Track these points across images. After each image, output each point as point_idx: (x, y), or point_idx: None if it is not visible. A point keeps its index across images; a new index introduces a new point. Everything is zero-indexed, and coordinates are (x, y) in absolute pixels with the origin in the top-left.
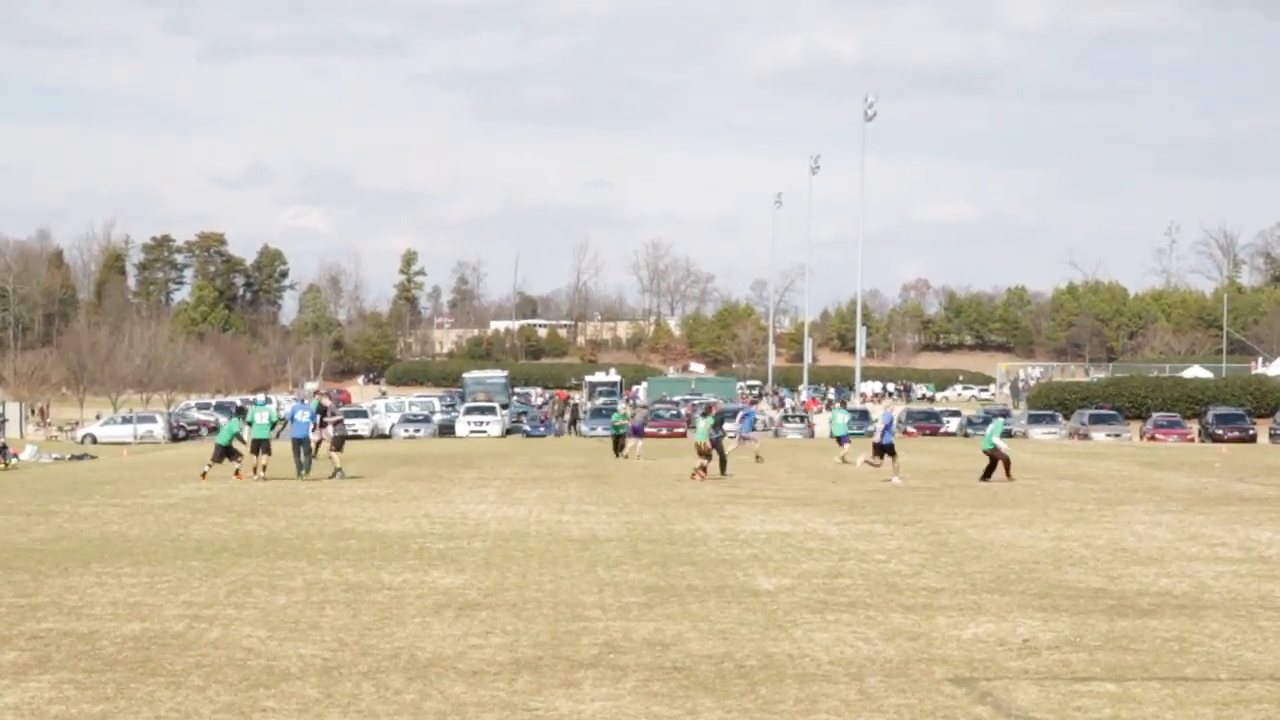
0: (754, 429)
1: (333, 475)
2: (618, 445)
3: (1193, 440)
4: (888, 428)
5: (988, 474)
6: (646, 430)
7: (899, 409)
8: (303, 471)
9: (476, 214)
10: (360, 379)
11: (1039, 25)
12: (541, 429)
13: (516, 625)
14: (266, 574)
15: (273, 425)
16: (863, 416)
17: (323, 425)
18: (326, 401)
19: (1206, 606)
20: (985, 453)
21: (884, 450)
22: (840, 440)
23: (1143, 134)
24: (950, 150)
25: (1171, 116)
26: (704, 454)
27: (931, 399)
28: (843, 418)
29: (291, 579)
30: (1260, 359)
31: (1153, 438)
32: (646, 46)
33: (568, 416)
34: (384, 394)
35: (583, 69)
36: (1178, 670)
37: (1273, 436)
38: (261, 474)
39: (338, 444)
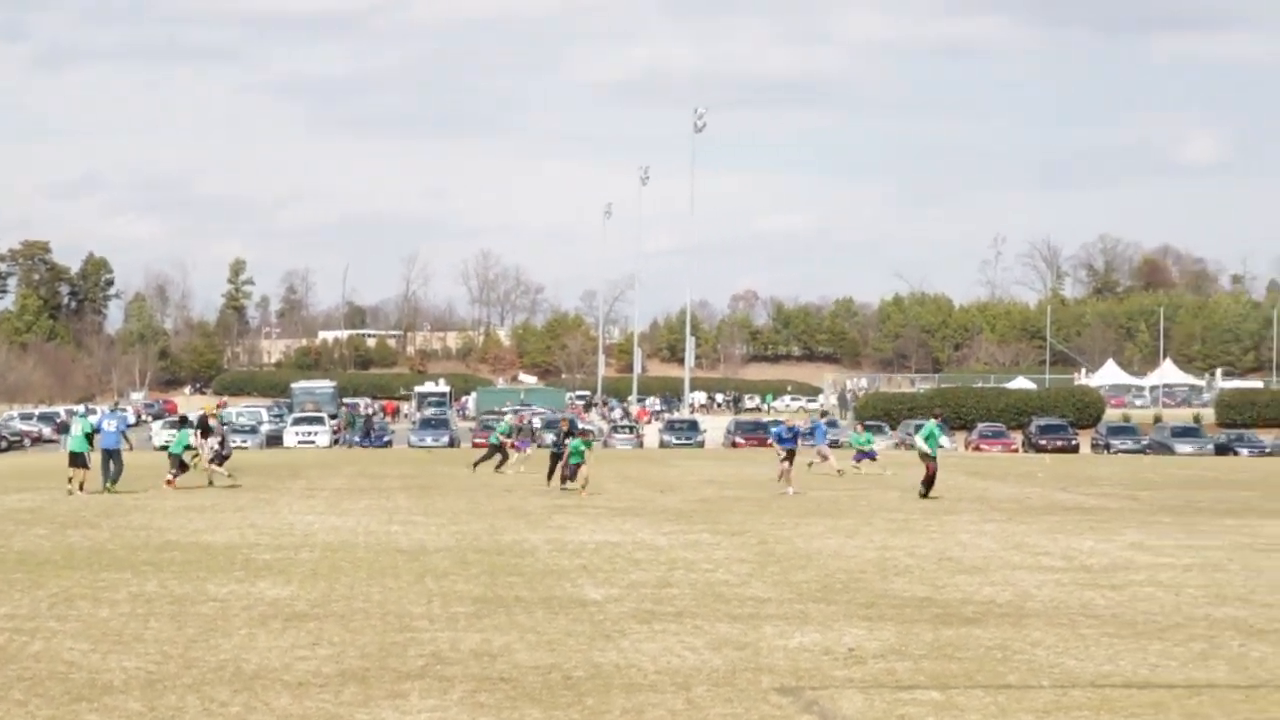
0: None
1: (210, 483)
2: (490, 455)
3: (1017, 450)
4: (812, 433)
5: (928, 486)
6: (477, 441)
7: (824, 420)
8: (109, 483)
9: (309, 223)
10: (187, 389)
11: (874, 39)
12: (369, 440)
13: (343, 636)
14: (90, 586)
15: (89, 436)
16: (691, 427)
17: (204, 438)
18: (213, 420)
19: (1029, 615)
20: (922, 455)
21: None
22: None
23: (971, 147)
24: (784, 162)
25: (999, 130)
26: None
27: (769, 409)
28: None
29: (115, 591)
30: (1083, 370)
31: (977, 448)
32: (485, 57)
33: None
34: (224, 404)
35: (421, 79)
36: (1000, 678)
37: (1095, 447)
38: (79, 487)
39: (220, 459)
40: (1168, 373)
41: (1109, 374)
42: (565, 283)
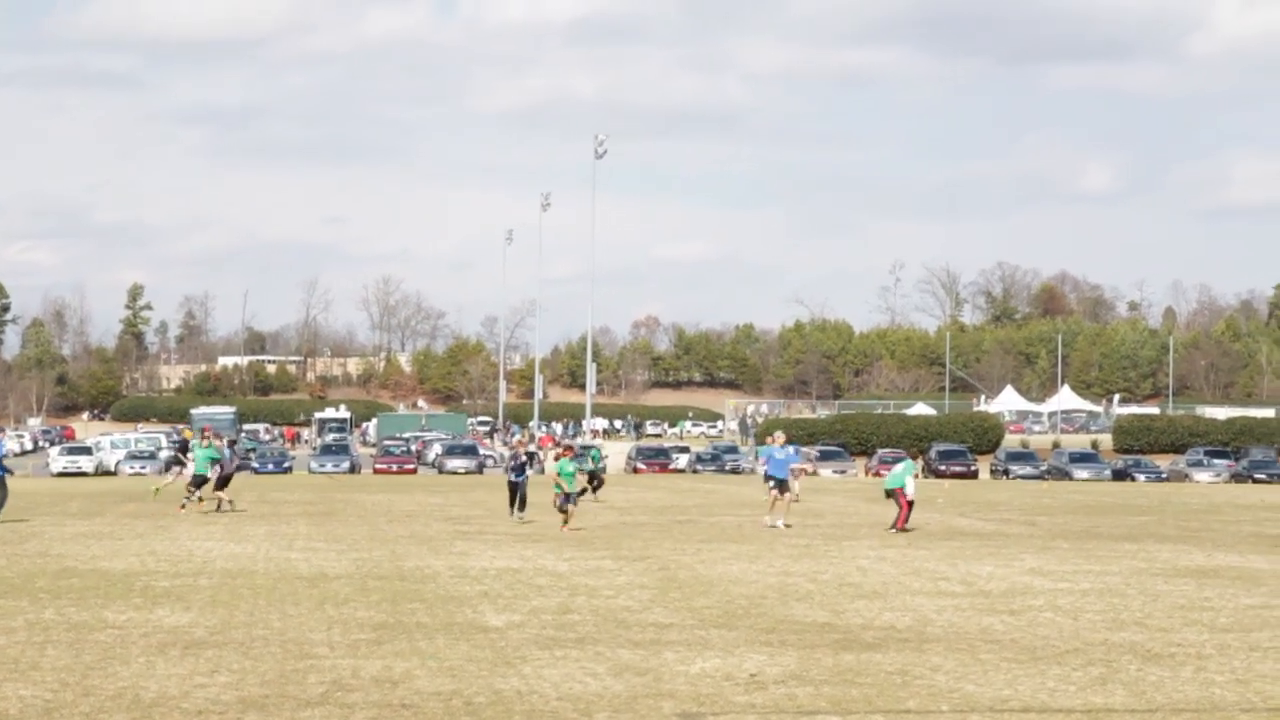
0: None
1: (184, 506)
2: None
3: (917, 476)
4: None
5: (899, 519)
6: (378, 467)
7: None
8: None
9: (209, 250)
10: (85, 415)
11: (776, 69)
12: (270, 466)
13: (243, 664)
14: None
15: None
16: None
17: (180, 462)
18: (189, 435)
19: (929, 640)
20: (889, 493)
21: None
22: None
23: (871, 175)
24: (686, 190)
25: (899, 158)
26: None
27: (684, 435)
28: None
29: (12, 619)
30: (982, 396)
31: (878, 474)
32: (387, 85)
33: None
34: (136, 426)
35: (323, 107)
36: (900, 703)
37: (994, 472)
38: None
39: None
40: (1066, 399)
41: (1008, 400)
42: (467, 309)
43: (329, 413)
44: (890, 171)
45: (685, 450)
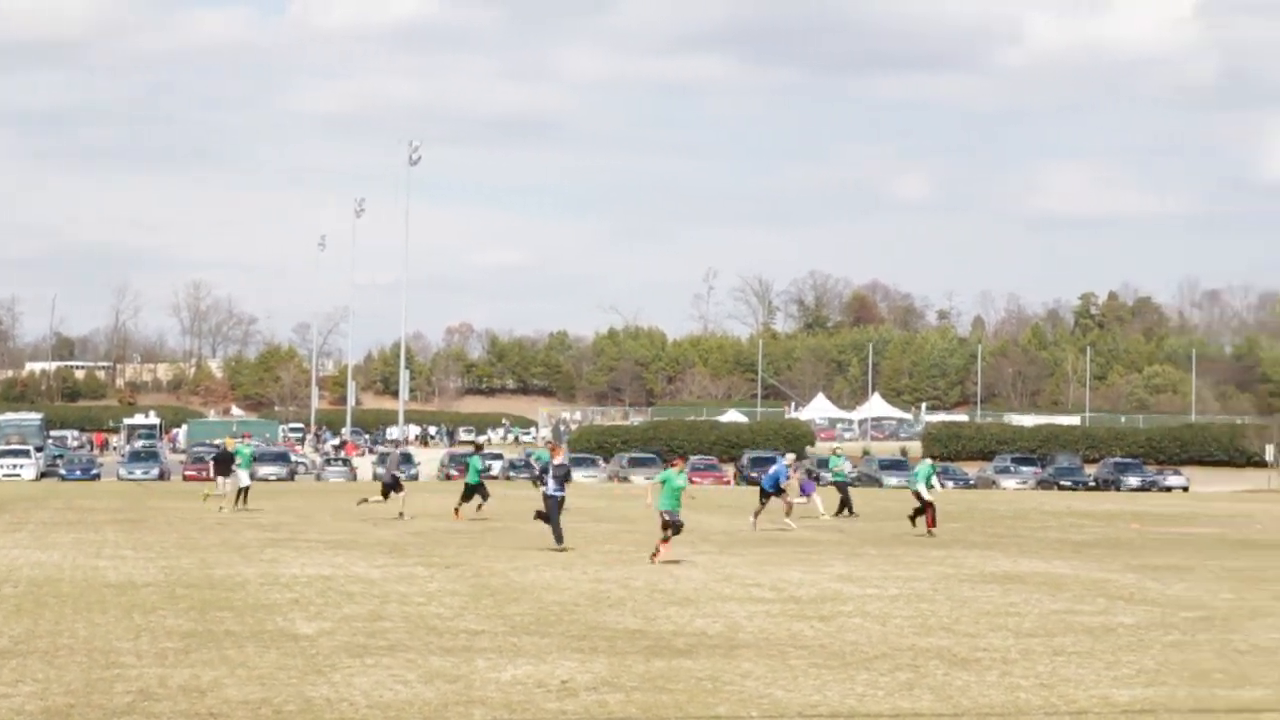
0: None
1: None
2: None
3: (729, 483)
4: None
5: (916, 515)
6: (188, 474)
7: (789, 457)
8: None
9: (17, 254)
10: None
11: (595, 77)
12: (78, 473)
13: (48, 673)
14: None
15: None
16: (405, 460)
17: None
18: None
19: (739, 646)
20: (915, 493)
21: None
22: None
23: (687, 184)
24: (504, 197)
25: (714, 167)
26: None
27: (519, 441)
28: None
29: None
30: (793, 403)
31: (691, 480)
32: (203, 89)
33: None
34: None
35: (136, 111)
36: (710, 709)
37: None
38: None
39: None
40: (876, 406)
41: (819, 407)
42: (279, 315)
43: (138, 419)
44: (706, 180)
45: (498, 457)
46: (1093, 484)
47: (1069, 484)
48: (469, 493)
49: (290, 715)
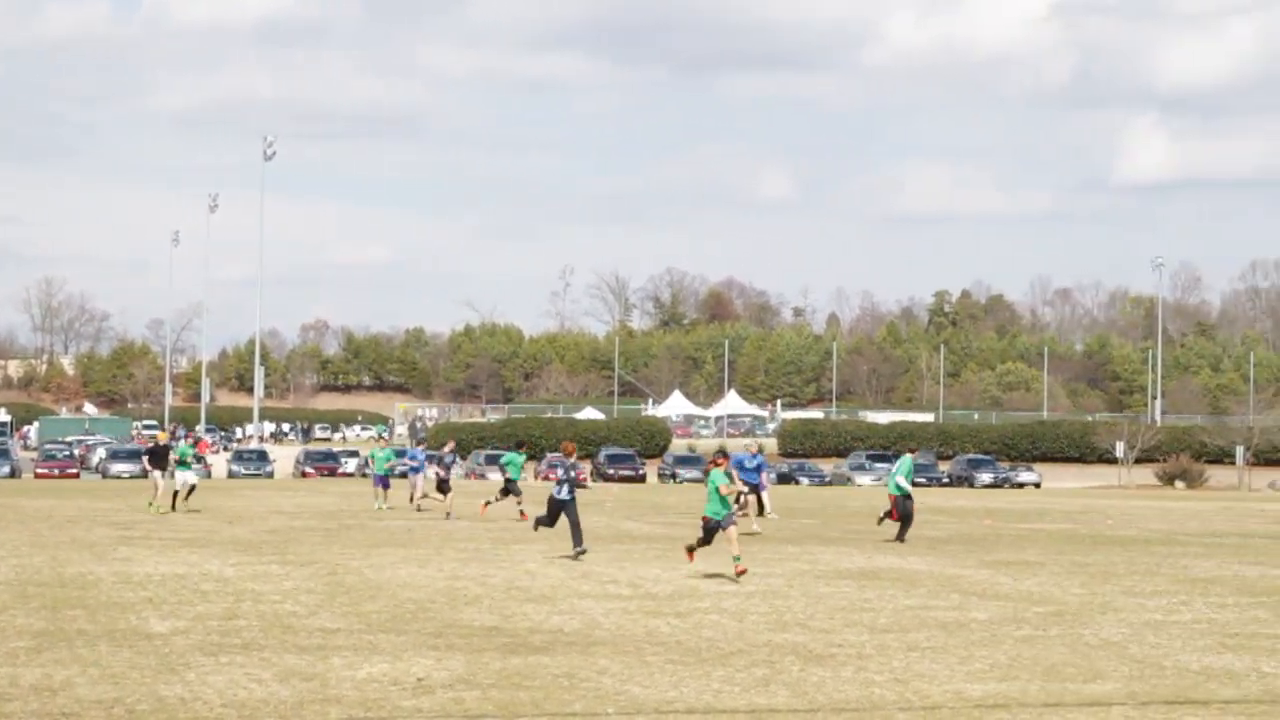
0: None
1: (448, 515)
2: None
3: (585, 480)
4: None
5: (902, 529)
6: (40, 471)
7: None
8: None
9: None
10: None
11: (458, 73)
12: None
13: None
14: None
15: None
16: (260, 457)
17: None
18: (445, 451)
19: (596, 643)
20: (892, 497)
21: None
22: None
23: (545, 181)
24: (364, 194)
25: (576, 165)
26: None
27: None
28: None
29: None
30: (650, 400)
31: (546, 477)
32: (65, 83)
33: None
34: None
35: None
36: (567, 706)
37: (662, 476)
38: None
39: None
40: (732, 403)
41: (676, 404)
42: (133, 311)
43: None
44: (566, 178)
45: (355, 454)
46: (946, 480)
47: (923, 480)
48: (507, 490)
49: (143, 715)
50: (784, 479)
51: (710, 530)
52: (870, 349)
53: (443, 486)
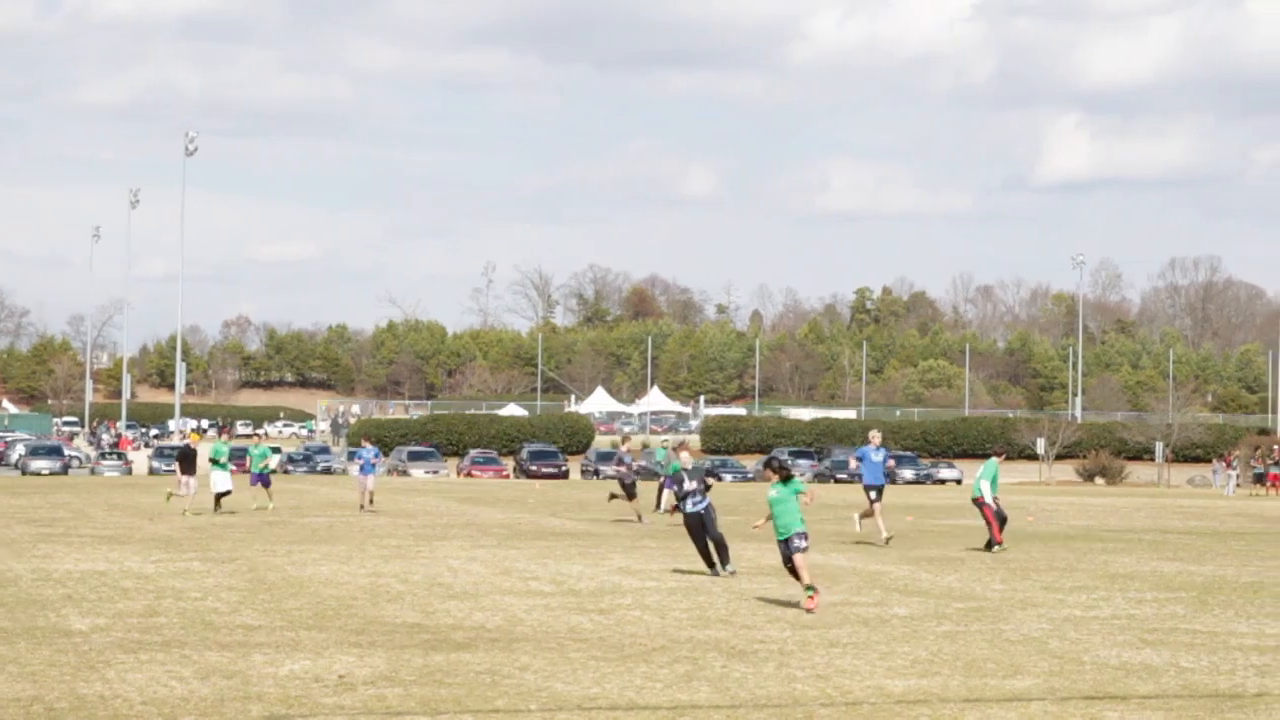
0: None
1: (639, 519)
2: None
3: (508, 476)
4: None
5: (999, 532)
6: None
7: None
8: None
9: None
10: None
11: (381, 70)
12: None
13: None
14: None
15: None
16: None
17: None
18: (623, 450)
19: (519, 639)
20: (975, 502)
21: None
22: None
23: (470, 178)
24: (286, 190)
25: (499, 162)
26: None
27: (311, 436)
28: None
29: None
30: (573, 397)
31: (469, 474)
32: None
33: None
34: None
35: None
36: (489, 702)
37: (585, 473)
38: None
39: (629, 492)
40: (655, 400)
41: (599, 401)
42: (52, 307)
43: None
44: (489, 174)
45: (277, 450)
46: None
47: (845, 477)
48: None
49: (62, 713)
50: (707, 474)
51: (787, 558)
52: (793, 346)
53: (629, 490)
